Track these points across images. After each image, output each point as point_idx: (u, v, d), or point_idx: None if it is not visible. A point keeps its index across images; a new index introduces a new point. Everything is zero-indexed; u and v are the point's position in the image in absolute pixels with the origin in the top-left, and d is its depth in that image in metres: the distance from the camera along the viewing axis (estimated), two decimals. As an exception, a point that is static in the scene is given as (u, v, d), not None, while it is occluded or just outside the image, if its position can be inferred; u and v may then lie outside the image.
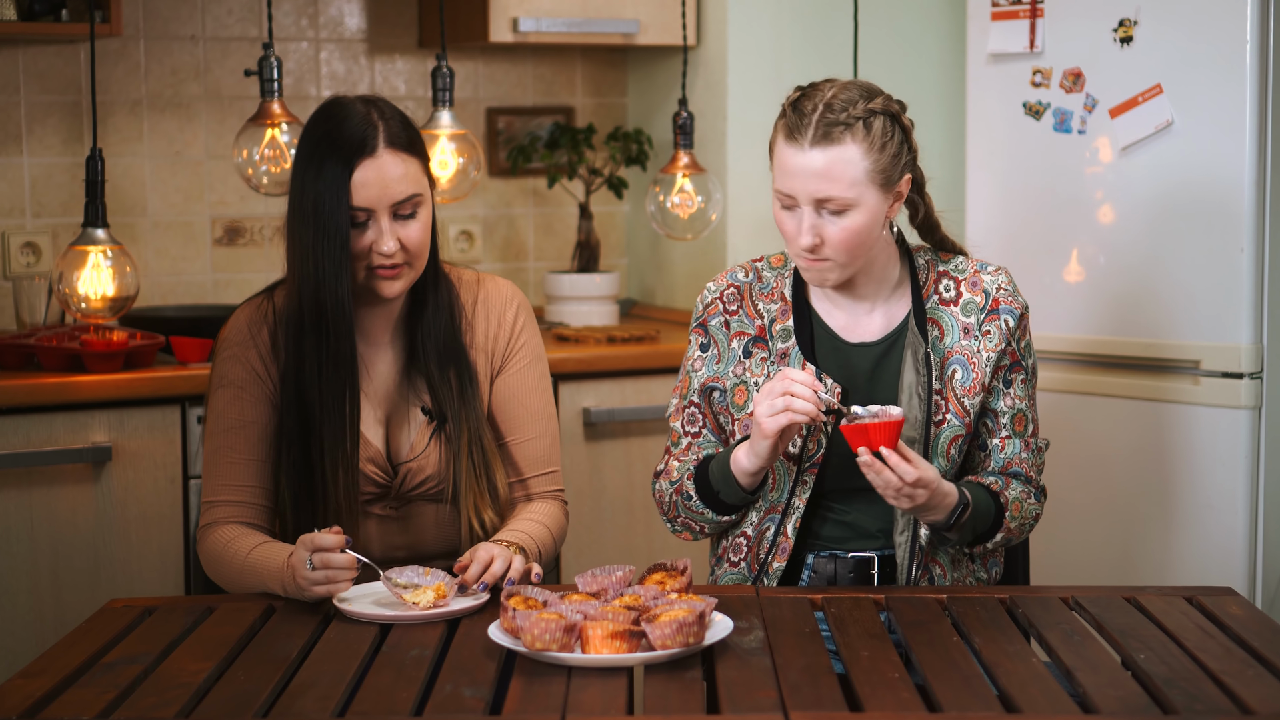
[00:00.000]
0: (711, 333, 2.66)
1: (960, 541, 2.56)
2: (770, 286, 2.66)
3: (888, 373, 2.59)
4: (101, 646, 2.24)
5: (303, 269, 2.54)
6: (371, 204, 2.52)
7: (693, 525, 2.64)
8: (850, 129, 2.47)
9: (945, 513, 2.49)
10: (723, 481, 2.57)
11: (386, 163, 2.53)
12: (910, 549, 2.56)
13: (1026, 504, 2.61)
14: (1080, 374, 3.64)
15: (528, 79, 4.48)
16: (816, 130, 2.48)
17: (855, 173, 2.48)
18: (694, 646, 2.14)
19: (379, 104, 2.58)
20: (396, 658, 2.18)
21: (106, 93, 4.03)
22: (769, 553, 2.59)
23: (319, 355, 2.57)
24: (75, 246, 3.44)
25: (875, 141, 2.48)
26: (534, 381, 2.73)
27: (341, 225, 2.51)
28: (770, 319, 2.64)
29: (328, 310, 2.54)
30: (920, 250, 2.68)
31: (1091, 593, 2.47)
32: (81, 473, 3.44)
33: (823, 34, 4.25)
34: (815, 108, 2.49)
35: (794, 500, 2.59)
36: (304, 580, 2.37)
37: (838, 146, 2.47)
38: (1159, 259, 3.51)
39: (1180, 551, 3.52)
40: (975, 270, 2.64)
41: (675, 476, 2.65)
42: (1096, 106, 3.58)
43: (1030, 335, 2.66)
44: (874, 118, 2.49)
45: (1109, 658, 2.18)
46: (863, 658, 2.16)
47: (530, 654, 2.13)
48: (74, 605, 3.42)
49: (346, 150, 2.51)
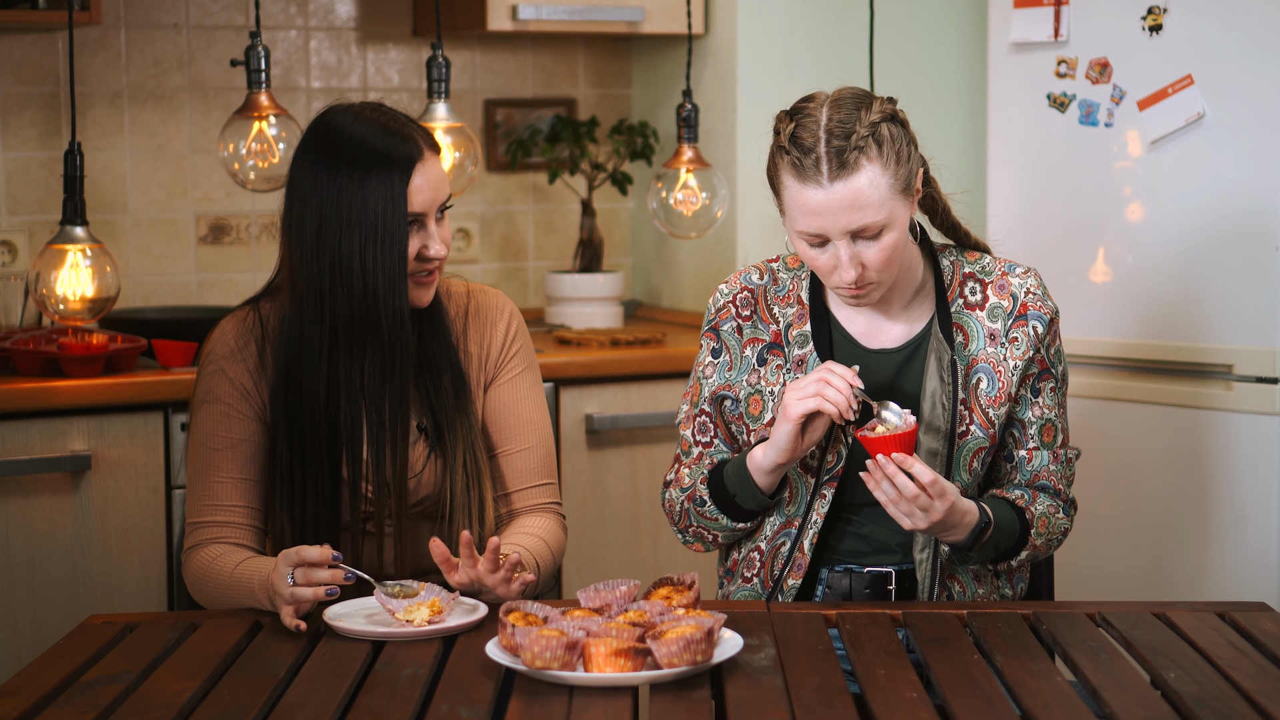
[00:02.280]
0: (724, 338, 2.66)
1: (982, 560, 2.56)
2: (786, 289, 2.65)
3: (909, 381, 2.58)
4: (80, 665, 2.24)
5: (345, 281, 2.55)
6: (425, 208, 2.58)
7: (705, 534, 2.64)
8: (864, 151, 2.43)
9: (966, 532, 2.48)
10: (739, 484, 2.56)
11: (432, 165, 2.60)
12: (932, 566, 2.56)
13: (1054, 519, 2.60)
14: (1107, 379, 3.64)
15: (527, 69, 4.49)
16: (830, 163, 2.43)
17: (882, 193, 2.44)
18: (702, 665, 2.14)
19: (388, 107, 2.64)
20: (389, 677, 2.18)
21: (85, 84, 4.03)
22: (784, 569, 2.59)
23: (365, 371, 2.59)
24: (53, 245, 3.44)
25: (889, 154, 2.45)
26: (527, 391, 2.74)
27: (400, 235, 2.55)
28: (786, 324, 2.63)
29: (384, 322, 2.57)
30: (946, 250, 2.67)
31: (1119, 608, 2.47)
32: (59, 482, 3.44)
33: (837, 21, 4.25)
34: (818, 139, 2.44)
35: (811, 514, 2.58)
36: (281, 595, 2.37)
37: (858, 173, 2.43)
38: (1190, 258, 3.51)
39: (1212, 565, 3.51)
40: (1003, 272, 2.62)
41: (687, 484, 2.64)
42: (1124, 98, 3.58)
43: (1060, 341, 2.64)
44: (879, 129, 2.46)
45: (1137, 676, 2.18)
46: (879, 677, 2.16)
47: (530, 673, 2.13)
48: (51, 621, 3.43)
49: (399, 157, 2.56)
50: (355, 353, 2.60)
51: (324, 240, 2.56)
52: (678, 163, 3.99)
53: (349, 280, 2.56)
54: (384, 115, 2.61)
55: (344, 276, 2.56)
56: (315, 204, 2.56)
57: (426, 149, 2.59)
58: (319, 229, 2.56)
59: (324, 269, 2.56)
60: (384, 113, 2.62)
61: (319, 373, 2.59)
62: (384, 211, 2.55)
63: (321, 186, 2.56)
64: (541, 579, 2.60)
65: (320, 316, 2.58)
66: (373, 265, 2.55)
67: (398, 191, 2.55)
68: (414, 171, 2.56)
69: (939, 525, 2.44)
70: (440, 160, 2.63)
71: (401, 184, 2.55)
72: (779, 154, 2.48)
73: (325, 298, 2.58)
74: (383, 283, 2.56)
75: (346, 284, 2.56)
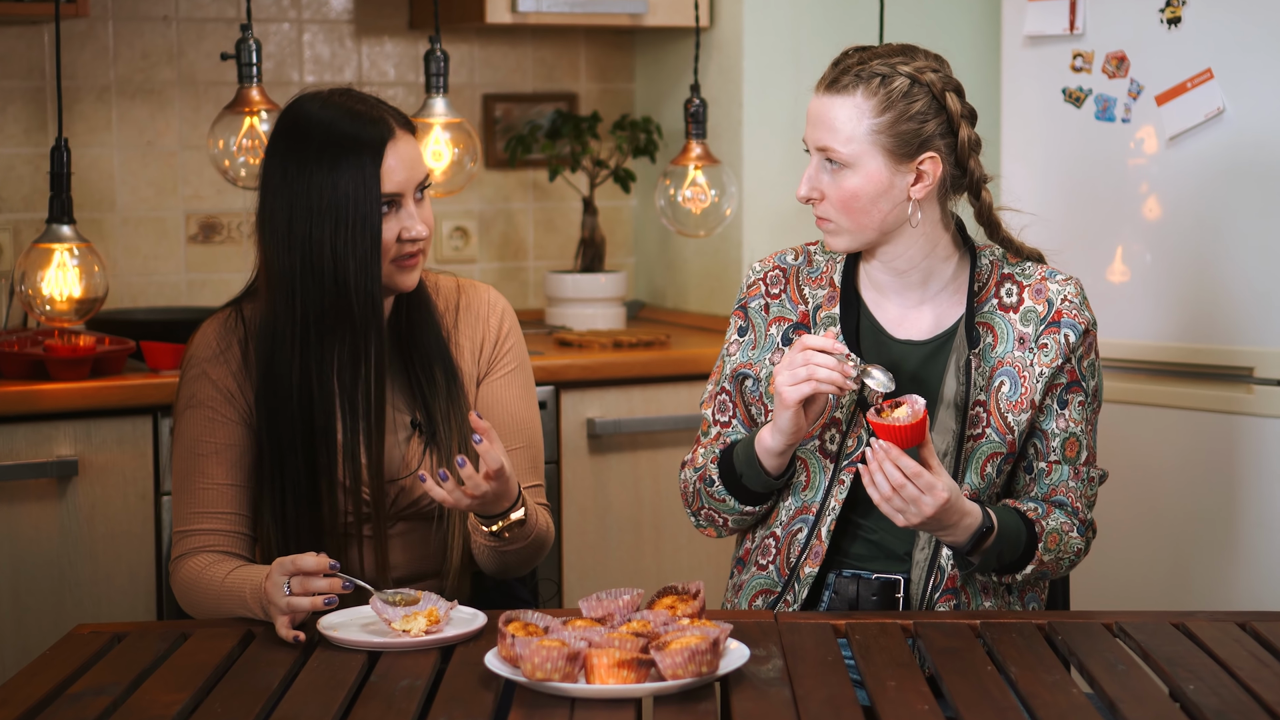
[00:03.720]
0: (750, 316, 2.68)
1: (983, 569, 2.55)
2: (820, 271, 2.67)
3: (932, 376, 2.58)
4: (67, 676, 2.24)
5: (316, 270, 2.55)
6: (401, 188, 2.58)
7: (716, 517, 2.64)
8: (864, 83, 2.53)
9: (965, 535, 2.48)
10: (746, 464, 2.57)
11: (406, 144, 2.61)
12: (928, 568, 2.56)
13: (1067, 537, 2.58)
14: (1124, 382, 3.64)
15: (527, 63, 4.49)
16: (832, 79, 2.55)
17: (854, 128, 2.52)
18: (707, 676, 2.14)
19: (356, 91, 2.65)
20: (385, 688, 2.18)
21: (72, 78, 4.04)
22: (800, 556, 2.59)
23: (337, 360, 2.59)
24: (39, 244, 3.44)
25: (887, 101, 2.52)
26: (518, 390, 2.74)
27: (373, 219, 2.55)
28: (816, 305, 2.65)
29: (355, 310, 2.57)
30: (987, 249, 2.67)
31: (1137, 618, 2.47)
32: (45, 488, 3.44)
33: (845, 13, 4.25)
34: (844, 57, 2.57)
35: (829, 500, 2.59)
36: (276, 605, 2.37)
37: (843, 96, 2.53)
38: (1210, 258, 3.51)
39: (1233, 574, 3.51)
40: (1043, 277, 2.63)
41: (700, 464, 2.65)
42: (1142, 93, 3.58)
43: (1096, 356, 2.63)
44: (896, 77, 2.52)
45: (1156, 689, 2.18)
46: (889, 688, 2.16)
47: (530, 684, 2.13)
48: (37, 631, 3.43)
49: (370, 139, 2.56)
50: (327, 345, 2.59)
51: (295, 230, 2.56)
52: (686, 159, 3.99)
53: (319, 269, 2.56)
54: (352, 99, 2.62)
55: (315, 266, 2.56)
56: (286, 195, 2.57)
57: (399, 128, 2.60)
58: (290, 220, 2.57)
59: (295, 261, 2.57)
60: (352, 96, 2.63)
61: (292, 368, 2.59)
62: (355, 195, 2.55)
63: (292, 177, 2.57)
64: (531, 542, 2.59)
65: (291, 310, 2.58)
66: (344, 250, 2.55)
67: (370, 173, 2.55)
68: (386, 151, 2.57)
69: (932, 522, 2.44)
70: (415, 139, 2.64)
71: (374, 165, 2.55)
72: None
73: (296, 293, 2.58)
74: (354, 268, 2.55)
75: (318, 273, 2.56)
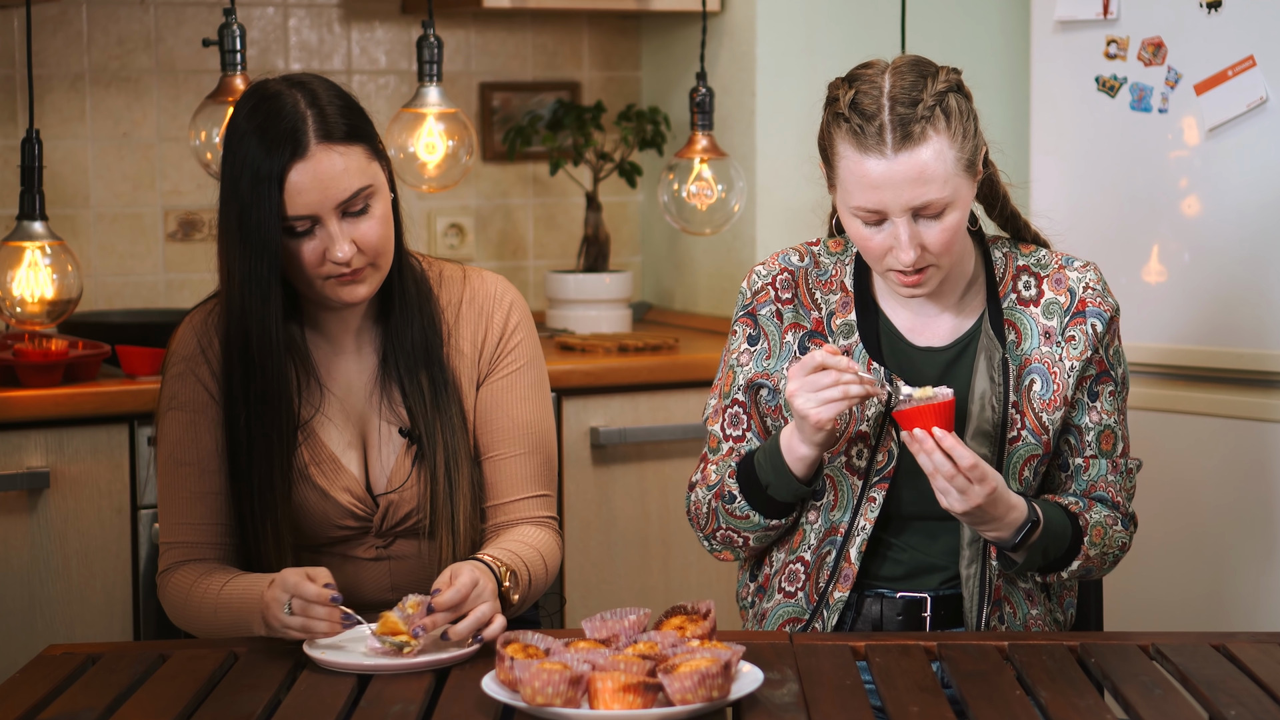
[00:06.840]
0: (761, 323, 2.66)
1: (1028, 567, 2.55)
2: (829, 274, 2.66)
3: (957, 382, 2.58)
4: (38, 700, 2.24)
5: (228, 291, 2.57)
6: (314, 209, 2.52)
7: (734, 538, 2.64)
8: (931, 121, 2.46)
9: (1010, 530, 2.48)
10: (773, 473, 2.56)
11: (321, 161, 2.52)
12: (980, 583, 2.56)
13: (1111, 530, 2.60)
14: (1161, 388, 3.64)
15: (527, 49, 4.49)
16: (895, 132, 2.45)
17: (948, 168, 2.47)
18: (718, 701, 2.14)
19: (308, 86, 2.58)
20: (376, 714, 2.18)
21: (44, 65, 4.04)
22: (830, 581, 2.59)
23: (245, 390, 2.59)
24: (9, 242, 3.45)
25: (956, 126, 2.48)
26: (524, 389, 2.72)
27: (270, 242, 2.51)
28: (829, 311, 2.64)
29: (253, 341, 2.56)
30: (998, 241, 2.67)
31: (1174, 639, 2.47)
32: (14, 501, 3.45)
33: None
34: (881, 106, 2.47)
35: (859, 520, 2.58)
36: (277, 621, 2.38)
37: (924, 145, 2.46)
38: (1252, 256, 3.51)
39: (1276, 591, 3.51)
40: (1060, 265, 2.64)
41: (714, 480, 2.64)
42: (1180, 82, 3.58)
43: (1120, 341, 2.65)
44: (946, 99, 2.49)
45: (1195, 714, 2.18)
46: (912, 714, 2.16)
47: (530, 710, 2.13)
48: (6, 652, 3.43)
49: (275, 152, 2.51)
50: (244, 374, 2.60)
51: (219, 237, 2.58)
52: (691, 152, 4.00)
53: (229, 296, 2.57)
54: (276, 104, 2.54)
55: (226, 283, 2.58)
56: (221, 195, 2.58)
57: (320, 141, 2.52)
58: (221, 234, 2.58)
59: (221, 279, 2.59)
60: (280, 101, 2.55)
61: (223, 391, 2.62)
62: (253, 213, 2.51)
63: (223, 177, 2.57)
64: (532, 593, 2.59)
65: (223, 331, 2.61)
66: (246, 274, 2.53)
67: (271, 193, 2.50)
68: (292, 169, 2.50)
69: (979, 513, 2.44)
70: (347, 152, 2.53)
71: (275, 183, 2.50)
72: (836, 122, 2.51)
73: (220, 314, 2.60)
74: (252, 293, 2.54)
75: (228, 299, 2.58)
